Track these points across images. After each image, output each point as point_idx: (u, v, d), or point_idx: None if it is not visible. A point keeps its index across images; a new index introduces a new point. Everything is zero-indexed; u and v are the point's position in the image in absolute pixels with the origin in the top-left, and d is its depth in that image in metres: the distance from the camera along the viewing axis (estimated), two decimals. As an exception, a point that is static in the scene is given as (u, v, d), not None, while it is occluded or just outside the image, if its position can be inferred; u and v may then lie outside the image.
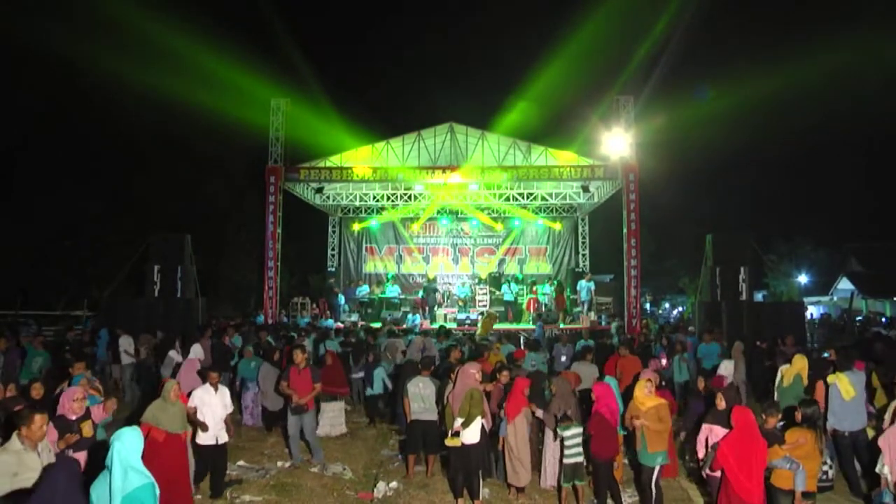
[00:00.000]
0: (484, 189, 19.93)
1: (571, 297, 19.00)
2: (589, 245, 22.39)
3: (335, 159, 18.14)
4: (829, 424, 6.56)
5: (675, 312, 33.52)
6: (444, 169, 17.80)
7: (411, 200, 21.13)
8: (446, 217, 21.98)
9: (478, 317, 16.82)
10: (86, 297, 21.11)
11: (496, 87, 52.43)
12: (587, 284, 17.85)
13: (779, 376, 7.61)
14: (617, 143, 16.66)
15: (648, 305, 33.65)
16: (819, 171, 42.23)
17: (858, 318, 23.19)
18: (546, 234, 22.25)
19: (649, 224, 26.56)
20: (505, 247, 22.20)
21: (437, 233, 22.38)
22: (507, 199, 20.84)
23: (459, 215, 21.97)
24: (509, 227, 22.12)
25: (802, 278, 34.32)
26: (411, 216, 21.67)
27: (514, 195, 20.72)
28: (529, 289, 19.31)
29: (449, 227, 22.21)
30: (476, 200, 21.00)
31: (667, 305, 38.03)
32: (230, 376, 9.94)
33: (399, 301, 18.67)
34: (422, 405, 6.97)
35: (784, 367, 7.65)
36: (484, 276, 20.83)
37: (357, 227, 22.21)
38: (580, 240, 22.46)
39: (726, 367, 8.40)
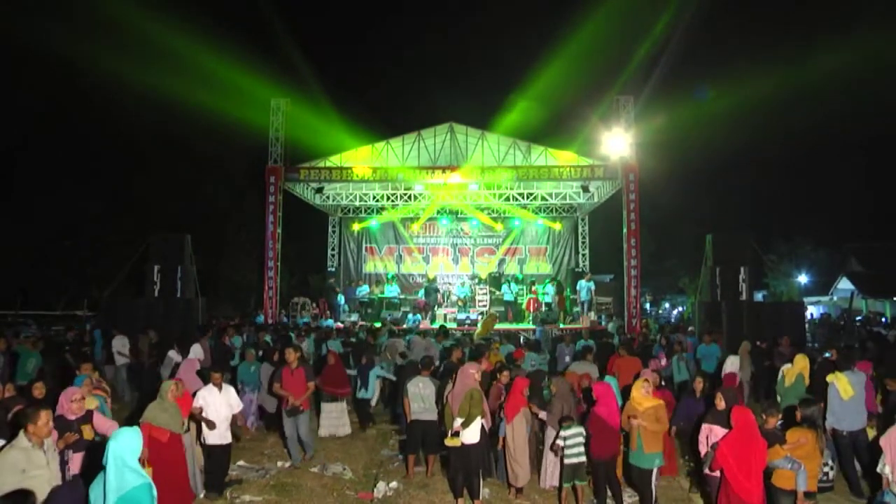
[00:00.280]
0: (484, 189, 19.94)
1: (571, 297, 19.01)
2: (589, 245, 22.39)
3: (335, 159, 18.15)
4: (828, 424, 6.56)
5: (675, 312, 33.50)
6: (444, 169, 17.81)
7: (411, 200, 21.13)
8: (446, 217, 21.99)
9: (478, 317, 16.83)
10: (86, 297, 21.13)
11: (496, 87, 52.40)
12: (587, 284, 17.85)
13: (780, 376, 7.61)
14: (617, 143, 16.66)
15: (648, 305, 33.64)
16: (819, 171, 42.15)
17: (858, 318, 23.18)
18: (546, 234, 22.24)
19: (649, 224, 26.54)
20: (505, 247, 22.19)
21: (437, 233, 22.38)
22: (507, 199, 20.84)
23: (459, 215, 21.97)
24: (509, 227, 22.11)
25: (802, 278, 34.31)
26: (411, 216, 21.67)
27: (514, 195, 20.72)
28: (529, 289, 19.32)
29: (449, 227, 22.21)
30: (476, 200, 21.00)
31: (667, 305, 38.00)
32: (229, 377, 9.88)
33: (399, 301, 18.67)
34: (422, 405, 6.96)
35: (786, 366, 7.64)
36: (484, 276, 20.83)
37: (357, 227, 22.21)
38: (580, 240, 22.45)
39: (732, 362, 8.38)
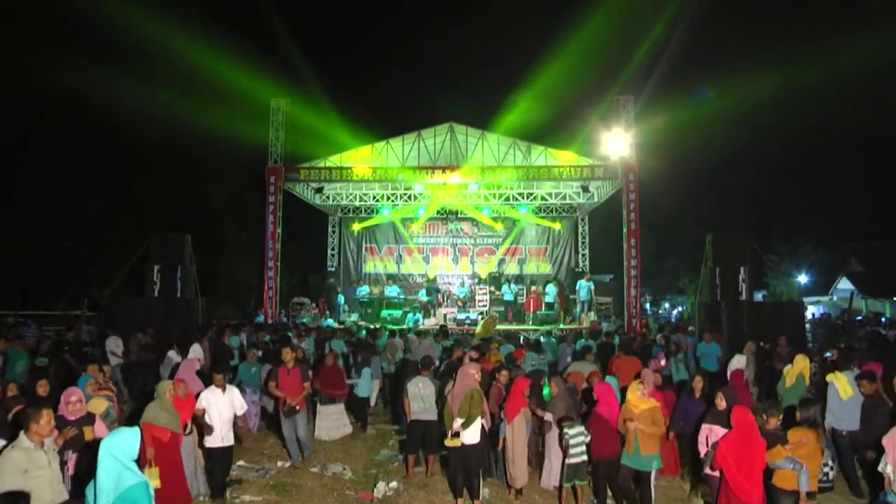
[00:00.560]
0: (484, 189, 19.94)
1: (570, 297, 19.02)
2: (589, 245, 22.38)
3: (335, 159, 18.15)
4: (828, 423, 6.57)
5: (675, 312, 33.50)
6: (444, 169, 17.80)
7: (411, 200, 21.13)
8: (446, 217, 21.97)
9: (478, 317, 16.85)
10: (86, 297, 21.06)
11: (496, 87, 52.35)
12: (587, 284, 17.87)
13: (782, 376, 7.62)
14: (617, 143, 16.66)
15: (648, 305, 33.64)
16: (819, 171, 42.19)
17: (858, 317, 23.17)
18: (546, 234, 22.24)
19: (649, 224, 26.51)
20: (505, 247, 22.19)
21: (437, 233, 22.38)
22: (507, 199, 20.85)
23: (459, 215, 21.98)
24: (509, 227, 22.12)
25: (802, 278, 34.31)
26: (411, 216, 21.67)
27: (514, 195, 20.72)
28: (528, 289, 19.31)
29: (449, 228, 22.21)
30: (476, 200, 21.01)
31: (667, 305, 38.00)
32: (229, 377, 9.85)
33: (399, 301, 18.67)
34: (422, 405, 6.96)
35: (787, 367, 7.64)
36: (484, 276, 20.83)
37: (357, 227, 22.21)
38: (580, 240, 22.45)
39: (739, 360, 8.38)
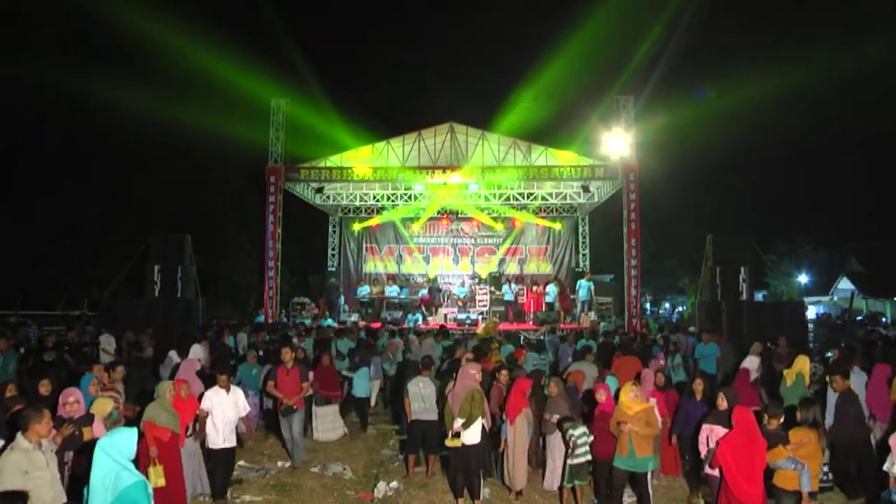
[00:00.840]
0: (484, 189, 19.93)
1: (571, 297, 19.01)
2: (589, 245, 22.37)
3: (335, 159, 18.13)
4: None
5: (675, 312, 33.52)
6: (444, 169, 17.77)
7: (411, 200, 21.12)
8: (446, 217, 21.97)
9: (478, 317, 16.84)
10: (86, 297, 21.06)
11: (496, 87, 52.46)
12: (587, 284, 17.87)
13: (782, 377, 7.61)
14: (617, 142, 16.64)
15: (648, 305, 33.67)
16: (819, 171, 42.29)
17: (859, 317, 23.17)
18: (546, 234, 22.22)
19: (649, 224, 26.53)
20: (505, 247, 22.15)
21: (437, 233, 22.36)
22: (507, 199, 20.83)
23: (459, 215, 21.96)
24: (509, 227, 22.12)
25: (802, 278, 34.35)
26: (411, 216, 21.67)
27: (514, 195, 20.70)
28: (529, 289, 19.30)
29: (449, 227, 22.20)
30: (476, 200, 21.00)
31: (667, 305, 38.05)
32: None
33: (399, 301, 18.67)
34: (422, 405, 6.96)
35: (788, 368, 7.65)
36: (484, 276, 20.82)
37: (357, 227, 22.20)
38: (580, 240, 22.43)
39: (751, 361, 8.39)
